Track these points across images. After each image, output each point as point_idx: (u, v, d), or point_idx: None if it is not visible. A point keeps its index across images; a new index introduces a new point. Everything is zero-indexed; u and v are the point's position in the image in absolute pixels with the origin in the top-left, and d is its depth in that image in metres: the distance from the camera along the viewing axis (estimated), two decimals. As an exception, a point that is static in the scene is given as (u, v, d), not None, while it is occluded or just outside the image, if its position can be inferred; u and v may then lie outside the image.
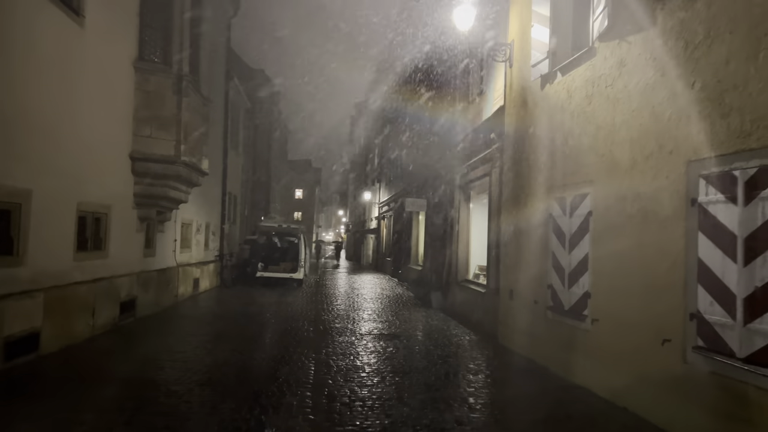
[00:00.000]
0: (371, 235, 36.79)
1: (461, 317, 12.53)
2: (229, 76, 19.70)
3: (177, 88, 11.03)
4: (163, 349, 8.39)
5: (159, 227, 12.42)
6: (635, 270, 5.79)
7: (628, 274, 5.92)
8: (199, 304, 13.93)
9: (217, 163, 18.62)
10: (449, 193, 14.76)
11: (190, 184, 12.46)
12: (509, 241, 9.47)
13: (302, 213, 72.42)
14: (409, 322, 11.96)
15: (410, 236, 21.95)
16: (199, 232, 16.29)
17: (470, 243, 13.41)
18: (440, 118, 16.51)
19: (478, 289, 11.69)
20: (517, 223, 9.11)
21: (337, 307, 14.44)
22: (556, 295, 7.60)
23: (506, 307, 9.47)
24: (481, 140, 11.47)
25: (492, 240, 10.80)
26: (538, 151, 8.30)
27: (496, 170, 10.57)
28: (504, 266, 9.71)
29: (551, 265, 7.76)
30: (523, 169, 8.89)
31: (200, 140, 12.63)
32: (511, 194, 9.42)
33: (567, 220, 7.37)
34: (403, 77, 23.89)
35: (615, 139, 6.26)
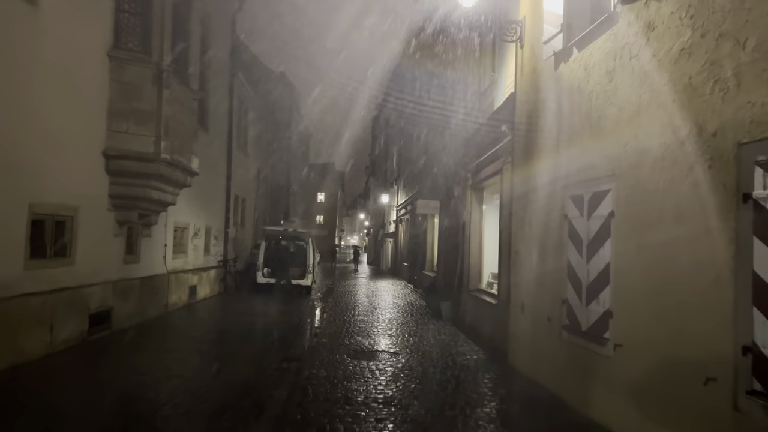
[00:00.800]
0: (390, 240, 35.68)
1: (471, 331, 11.33)
2: (234, 72, 18.84)
3: (157, 79, 10.11)
4: (128, 369, 7.43)
5: (144, 231, 11.51)
6: (668, 285, 4.57)
7: (658, 291, 4.70)
8: (192, 315, 12.99)
9: (219, 163, 17.79)
10: (461, 194, 13.57)
11: (177, 185, 11.54)
12: (521, 248, 8.27)
13: (324, 217, 71.72)
14: (413, 337, 10.81)
15: (425, 241, 20.78)
16: (197, 236, 15.41)
17: (483, 248, 12.20)
18: (452, 112, 15.35)
19: (490, 300, 10.49)
20: (529, 226, 7.90)
21: (341, 318, 13.36)
22: (572, 313, 6.39)
23: (517, 322, 8.26)
24: (491, 134, 10.29)
25: (503, 246, 9.61)
26: (550, 141, 7.10)
27: (507, 167, 9.38)
28: (515, 276, 8.50)
29: (566, 277, 6.55)
30: (534, 164, 7.69)
31: (188, 137, 11.70)
32: (522, 193, 8.22)
33: (584, 223, 6.16)
34: (416, 71, 22.79)
35: (641, 122, 5.04)
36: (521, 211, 8.26)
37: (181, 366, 7.76)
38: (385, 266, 37.87)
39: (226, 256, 18.48)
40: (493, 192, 11.60)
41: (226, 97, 18.36)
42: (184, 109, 11.34)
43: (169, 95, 10.32)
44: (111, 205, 10.03)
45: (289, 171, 51.20)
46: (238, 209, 21.02)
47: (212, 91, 16.43)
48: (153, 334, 10.15)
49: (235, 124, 19.51)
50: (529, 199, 7.89)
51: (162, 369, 7.51)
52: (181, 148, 11.16)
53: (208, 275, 16.44)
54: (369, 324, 12.25)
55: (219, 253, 17.92)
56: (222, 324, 12.01)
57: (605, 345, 5.56)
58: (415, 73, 23.17)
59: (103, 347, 8.75)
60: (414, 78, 23.88)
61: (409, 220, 25.67)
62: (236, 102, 19.90)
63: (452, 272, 14.05)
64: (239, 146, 20.85)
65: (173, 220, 13.36)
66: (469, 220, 12.51)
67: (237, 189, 20.47)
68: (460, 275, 13.17)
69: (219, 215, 17.97)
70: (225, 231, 18.57)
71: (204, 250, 16.27)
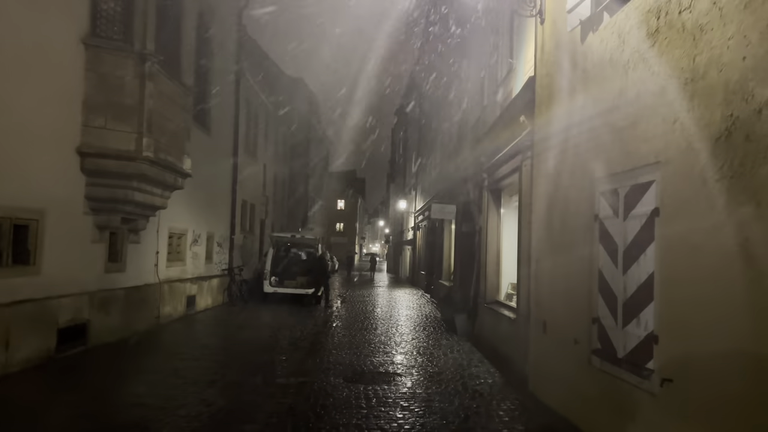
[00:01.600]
0: (408, 247, 34.55)
1: (488, 349, 10.15)
2: (240, 73, 17.99)
3: (139, 70, 9.21)
4: (88, 393, 6.46)
5: (131, 237, 10.61)
6: (737, 305, 3.40)
7: (724, 314, 3.53)
8: (186, 328, 12.03)
9: (224, 167, 16.92)
10: (477, 197, 12.43)
11: (166, 187, 10.62)
12: (543, 255, 7.10)
13: (344, 224, 70.90)
14: (422, 356, 9.67)
15: (442, 248, 19.62)
16: (196, 243, 14.51)
17: (501, 256, 11.02)
18: (469, 108, 14.25)
19: (508, 315, 9.31)
20: (551, 229, 6.74)
21: (347, 332, 12.29)
22: (604, 335, 5.21)
23: (539, 343, 7.07)
24: (508, 127, 9.16)
25: (523, 253, 8.45)
26: (577, 127, 5.95)
27: (527, 162, 8.23)
28: (536, 288, 7.33)
29: (597, 290, 5.38)
30: (557, 156, 6.54)
31: (179, 136, 10.79)
32: (543, 191, 7.07)
33: (619, 224, 5.00)
34: (433, 68, 21.77)
35: (696, 91, 3.89)
36: (542, 212, 7.10)
37: (152, 391, 6.75)
38: (404, 274, 36.72)
39: (231, 264, 17.57)
40: (512, 193, 10.46)
41: (231, 98, 17.52)
42: (173, 104, 10.43)
43: (154, 88, 9.41)
44: (88, 208, 9.15)
45: (307, 178, 50.53)
46: (246, 215, 20.14)
47: (214, 89, 15.58)
48: (134, 352, 9.19)
49: (242, 127, 18.67)
50: (552, 199, 6.73)
51: (130, 395, 6.52)
52: (169, 146, 10.25)
53: (209, 285, 15.52)
54: (376, 339, 11.15)
55: (223, 261, 17.02)
56: (215, 340, 11.01)
57: (648, 378, 4.37)
58: (432, 71, 22.14)
59: (71, 367, 7.79)
60: (431, 76, 22.85)
61: (426, 227, 24.54)
62: (244, 104, 19.07)
63: (469, 282, 12.89)
64: (247, 150, 20.01)
65: (167, 226, 12.46)
66: (486, 225, 11.35)
67: (245, 194, 19.61)
68: (477, 286, 12.00)
69: (223, 221, 17.09)
70: (230, 238, 17.68)
71: (205, 257, 15.37)
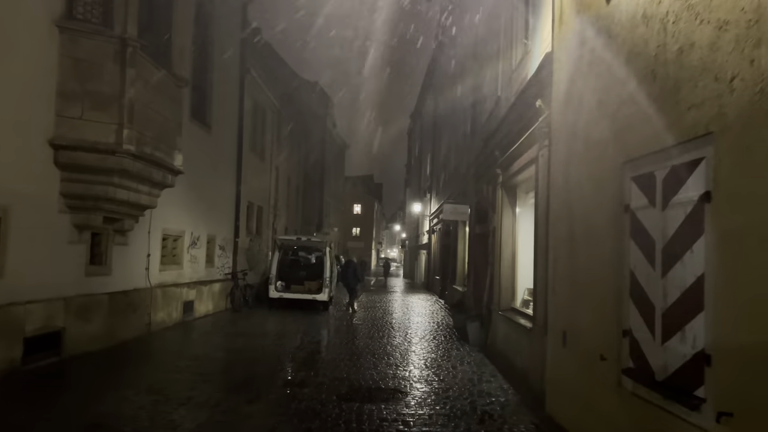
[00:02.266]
0: (423, 251, 33.60)
1: (502, 361, 9.21)
2: (246, 69, 17.29)
3: (120, 55, 8.48)
4: (39, 414, 5.68)
5: (117, 239, 9.89)
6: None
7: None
8: (179, 336, 11.27)
9: (226, 167, 16.21)
10: (491, 195, 11.50)
11: (154, 184, 9.88)
12: (562, 255, 6.16)
13: (360, 229, 70.07)
14: (429, 369, 8.77)
15: (456, 251, 18.66)
16: (195, 245, 13.77)
17: (517, 259, 10.07)
18: (482, 100, 13.34)
19: (524, 324, 8.36)
20: (572, 225, 5.81)
21: (351, 341, 11.44)
22: (638, 351, 4.27)
23: (557, 357, 6.13)
24: (523, 115, 8.25)
25: (539, 254, 7.51)
26: (601, 103, 5.03)
27: (543, 152, 7.30)
28: (555, 293, 6.39)
29: (629, 296, 4.44)
30: (579, 140, 5.61)
31: (168, 129, 10.06)
32: (563, 182, 6.14)
33: (657, 215, 4.07)
34: (446, 61, 20.93)
35: (764, 35, 2.96)
36: (562, 206, 6.17)
37: (116, 410, 5.95)
38: (420, 280, 35.75)
39: (235, 268, 16.82)
40: (528, 190, 9.53)
41: (235, 96, 16.83)
42: (161, 95, 9.70)
43: (136, 75, 8.68)
44: (64, 206, 8.44)
45: (322, 182, 49.92)
46: (252, 218, 19.42)
47: (216, 86, 14.89)
48: (113, 362, 8.42)
49: (247, 126, 17.96)
50: (573, 190, 5.80)
51: (90, 413, 5.74)
52: (156, 140, 9.51)
53: (210, 289, 14.77)
54: (380, 349, 10.26)
55: (226, 265, 16.28)
56: (206, 349, 10.21)
57: (699, 409, 3.43)
58: (447, 65, 21.27)
59: (34, 380, 7.04)
60: (445, 71, 21.97)
61: (441, 230, 23.61)
62: (250, 103, 18.37)
63: (483, 287, 11.94)
64: (254, 150, 19.30)
65: (161, 227, 11.73)
66: (500, 225, 10.41)
67: (251, 196, 18.90)
68: (490, 291, 11.06)
69: (226, 223, 16.35)
70: (234, 241, 16.94)
71: (206, 261, 14.64)
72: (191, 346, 10.32)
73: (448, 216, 14.91)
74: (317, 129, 46.83)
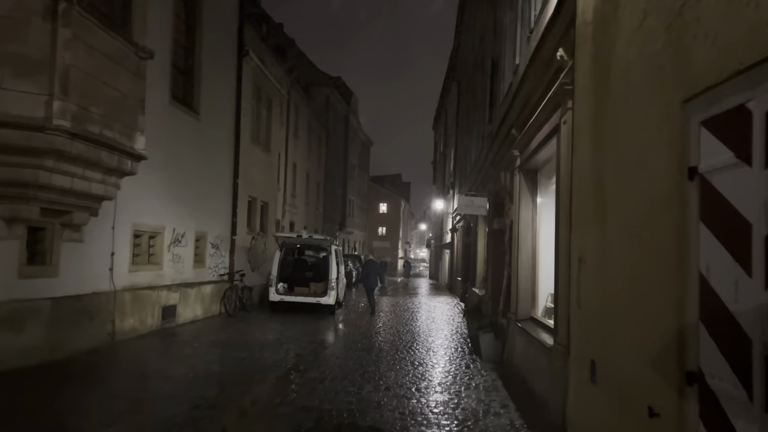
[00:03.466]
0: (447, 250, 31.81)
1: (518, 384, 7.46)
2: (242, 51, 15.84)
3: (51, 12, 7.05)
4: None
5: (67, 234, 8.50)
6: None
7: None
8: (149, 347, 9.84)
9: (220, 158, 14.79)
10: (508, 183, 9.75)
11: (108, 171, 8.44)
12: (588, 254, 4.42)
13: (387, 228, 68.49)
14: (428, 392, 7.09)
15: (476, 250, 16.88)
16: (179, 243, 12.35)
17: (538, 258, 8.31)
18: (501, 78, 11.59)
19: (544, 339, 6.60)
20: (603, 211, 4.06)
21: (346, 354, 9.83)
22: (717, 411, 2.52)
23: (583, 394, 4.38)
24: (542, 73, 6.51)
25: (561, 253, 5.76)
26: (648, 14, 3.28)
27: (566, 117, 5.56)
28: (579, 308, 4.64)
29: (698, 318, 2.70)
30: (613, 86, 3.87)
31: (127, 107, 8.62)
32: (591, 151, 4.40)
33: (754, 178, 2.32)
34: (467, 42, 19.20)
35: None
36: (589, 187, 4.43)
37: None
38: (444, 280, 33.95)
39: (232, 268, 15.40)
40: (550, 174, 7.76)
41: (231, 79, 15.40)
42: (114, 65, 8.25)
43: (73, 37, 7.25)
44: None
45: (345, 178, 48.50)
46: (254, 214, 17.99)
47: (206, 68, 13.48)
48: (41, 382, 6.96)
49: (247, 114, 16.53)
50: (605, 161, 4.06)
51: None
52: (107, 118, 8.08)
53: (199, 292, 13.34)
54: (372, 367, 8.62)
55: (221, 265, 14.85)
56: (173, 363, 8.71)
57: None
58: (467, 51, 19.50)
59: None
60: (466, 57, 20.20)
61: (463, 227, 21.83)
62: (250, 88, 16.95)
63: (497, 291, 10.20)
64: (256, 141, 17.86)
65: (130, 222, 10.34)
66: (518, 218, 8.66)
67: (253, 191, 17.47)
68: (507, 296, 9.31)
69: (221, 220, 14.94)
70: (231, 238, 15.51)
71: (194, 261, 13.22)
72: (158, 360, 8.83)
73: (464, 209, 13.18)
74: (339, 125, 45.46)
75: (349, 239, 51.70)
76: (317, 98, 39.54)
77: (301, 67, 39.23)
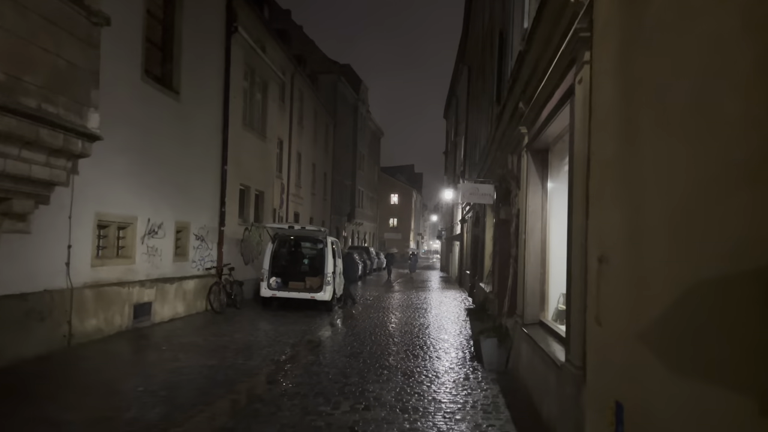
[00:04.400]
0: (457, 242, 30.57)
1: (523, 401, 6.27)
2: (231, 28, 14.69)
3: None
4: None
5: (7, 224, 7.42)
6: None
7: None
8: (113, 352, 8.81)
9: (207, 143, 13.71)
10: (515, 166, 8.52)
11: (54, 152, 7.34)
12: (613, 253, 3.21)
13: (398, 220, 67.30)
14: (415, 411, 5.94)
15: (484, 242, 15.65)
16: (155, 234, 11.28)
17: (548, 252, 7.08)
18: (509, 50, 10.33)
19: (554, 353, 5.40)
20: (637, 183, 2.84)
21: (328, 361, 8.71)
22: None
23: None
24: (553, 26, 5.27)
25: (574, 248, 4.53)
26: None
27: (583, 75, 4.33)
28: (598, 323, 3.43)
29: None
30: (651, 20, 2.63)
31: (73, 78, 7.50)
32: (617, 99, 3.17)
33: None
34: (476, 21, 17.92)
35: None
36: (615, 150, 3.21)
37: None
38: (454, 273, 32.74)
39: (220, 262, 14.35)
40: (562, 154, 6.52)
41: (218, 58, 14.27)
42: (58, 30, 7.13)
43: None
44: None
45: (354, 169, 47.33)
46: (248, 204, 16.90)
47: (186, 43, 12.35)
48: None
49: (238, 96, 15.41)
50: (642, 111, 2.84)
51: None
52: (48, 90, 6.98)
53: (180, 288, 12.29)
54: (353, 380, 7.49)
55: (207, 258, 13.80)
56: (131, 371, 7.65)
57: None
58: (477, 31, 18.19)
59: None
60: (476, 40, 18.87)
61: (472, 218, 20.60)
62: (242, 69, 15.81)
63: (503, 289, 9.00)
64: (249, 126, 16.73)
65: (93, 210, 9.28)
66: (525, 205, 7.43)
67: (246, 179, 16.38)
68: (513, 295, 8.11)
69: (208, 209, 13.87)
70: (219, 230, 14.45)
71: (174, 253, 12.16)
72: (103, 369, 7.73)
73: (469, 198, 11.94)
74: (348, 114, 44.23)
75: (358, 231, 50.65)
76: (324, 86, 38.36)
77: (309, 55, 38.08)
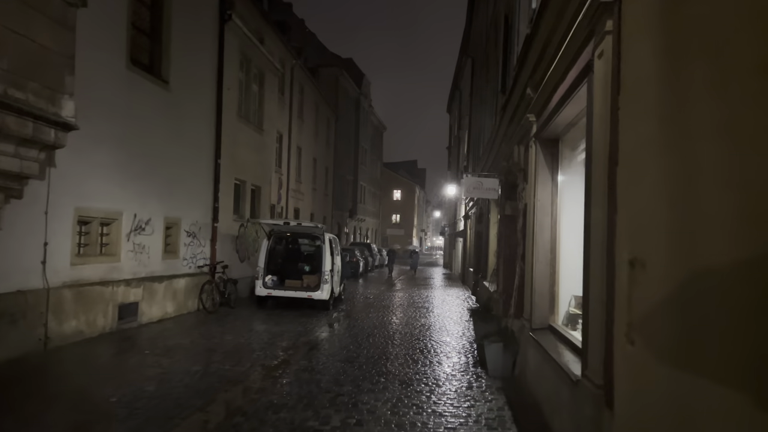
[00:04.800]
0: (460, 239, 29.98)
1: (531, 415, 5.70)
2: (224, 16, 14.10)
3: None
4: None
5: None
6: None
7: None
8: (91, 356, 8.28)
9: (199, 135, 13.15)
10: (522, 159, 7.92)
11: (23, 142, 6.79)
12: (654, 252, 2.62)
13: (401, 216, 66.70)
14: (412, 427, 5.37)
15: (488, 239, 15.07)
16: (142, 231, 10.73)
17: (558, 250, 6.50)
18: (515, 35, 9.73)
19: (566, 364, 4.81)
20: (693, 168, 2.26)
21: (320, 367, 8.15)
22: None
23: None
24: (565, 3, 4.68)
25: (594, 248, 3.94)
26: None
27: (603, 48, 3.74)
28: (631, 343, 2.84)
29: None
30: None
31: (45, 62, 6.94)
32: (658, 64, 2.58)
33: None
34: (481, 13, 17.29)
35: None
36: (657, 130, 2.63)
37: None
38: (457, 270, 32.16)
39: (213, 260, 13.81)
40: (575, 143, 5.94)
41: (211, 47, 13.70)
42: (27, 9, 6.57)
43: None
44: None
45: (356, 164, 46.74)
46: (243, 199, 16.35)
47: (176, 30, 11.77)
48: None
49: (233, 87, 14.83)
50: (696, 73, 2.25)
51: None
52: (17, 75, 6.45)
53: (169, 287, 11.75)
54: (358, 387, 6.94)
55: (199, 256, 13.26)
56: (100, 386, 7.10)
57: None
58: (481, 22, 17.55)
59: None
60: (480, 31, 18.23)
61: (475, 214, 20.01)
62: (237, 58, 15.24)
63: (509, 289, 8.42)
64: (245, 119, 16.16)
65: (73, 205, 8.74)
66: (533, 199, 6.84)
67: (241, 173, 15.83)
68: (519, 297, 7.53)
69: (200, 204, 13.33)
70: (212, 226, 13.90)
71: (163, 250, 11.62)
72: (76, 375, 7.17)
73: (472, 192, 11.33)
74: (350, 108, 43.61)
75: (360, 227, 50.12)
76: (326, 80, 37.75)
77: (310, 48, 37.46)
